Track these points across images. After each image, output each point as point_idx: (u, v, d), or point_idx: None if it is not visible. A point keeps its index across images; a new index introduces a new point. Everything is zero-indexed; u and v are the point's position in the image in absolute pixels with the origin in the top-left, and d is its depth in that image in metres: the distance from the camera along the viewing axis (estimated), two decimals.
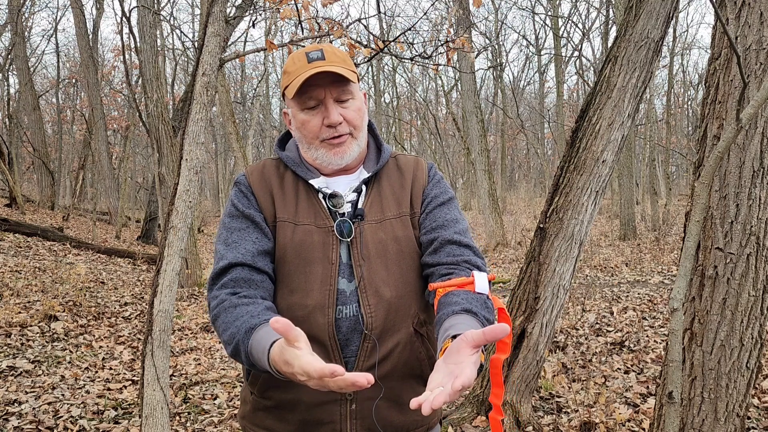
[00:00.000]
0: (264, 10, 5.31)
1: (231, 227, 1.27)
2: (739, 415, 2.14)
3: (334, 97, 1.23)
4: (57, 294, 6.65)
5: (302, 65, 1.21)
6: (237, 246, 1.23)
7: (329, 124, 1.23)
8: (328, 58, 1.22)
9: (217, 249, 1.27)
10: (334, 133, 1.24)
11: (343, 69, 1.21)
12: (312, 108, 1.24)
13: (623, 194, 13.33)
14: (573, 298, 6.64)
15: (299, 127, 1.27)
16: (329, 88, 1.22)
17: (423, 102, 24.87)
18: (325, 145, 1.25)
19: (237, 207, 1.28)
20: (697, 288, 2.18)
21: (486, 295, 1.15)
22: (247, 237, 1.24)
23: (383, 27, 18.01)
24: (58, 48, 23.72)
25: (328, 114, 1.22)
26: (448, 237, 1.25)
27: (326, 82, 1.22)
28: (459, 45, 4.54)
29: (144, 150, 24.39)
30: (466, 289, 1.14)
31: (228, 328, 1.13)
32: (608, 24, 16.03)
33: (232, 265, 1.22)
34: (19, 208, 14.32)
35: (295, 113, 1.26)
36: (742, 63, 2.08)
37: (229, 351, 1.13)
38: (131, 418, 3.62)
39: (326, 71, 1.19)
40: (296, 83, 1.20)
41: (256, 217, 1.26)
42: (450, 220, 1.28)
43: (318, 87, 1.21)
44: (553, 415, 3.52)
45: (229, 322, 1.13)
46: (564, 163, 3.29)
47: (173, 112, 10.10)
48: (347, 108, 1.25)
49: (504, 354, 1.12)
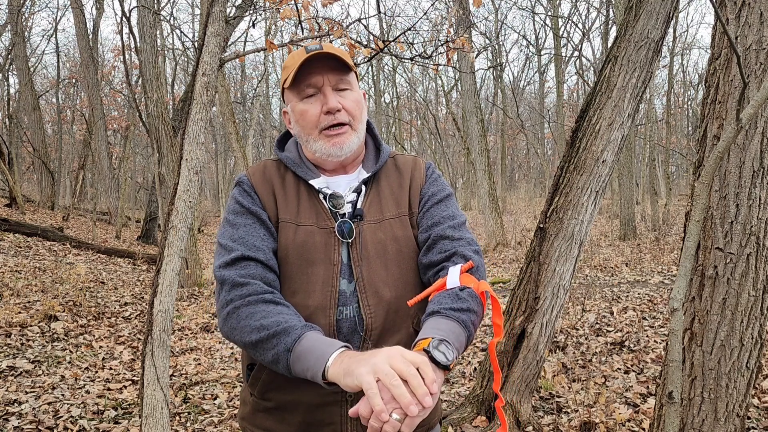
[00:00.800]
0: (264, 10, 5.31)
1: (236, 223, 1.24)
2: (739, 415, 2.14)
3: (333, 84, 1.24)
4: (57, 294, 6.65)
5: (300, 57, 1.23)
6: (245, 241, 1.21)
7: (328, 110, 1.23)
8: (326, 48, 1.23)
9: (222, 243, 1.23)
10: (333, 120, 1.24)
11: (337, 53, 1.23)
12: (310, 96, 1.25)
13: (623, 194, 13.32)
14: (573, 298, 6.64)
15: (298, 119, 1.27)
16: (327, 75, 1.23)
17: (423, 102, 24.87)
18: (324, 136, 1.25)
19: (242, 204, 1.26)
20: (697, 288, 2.18)
21: (458, 288, 1.14)
22: (254, 233, 1.22)
23: (383, 27, 18.02)
24: (58, 48, 23.73)
25: (327, 100, 1.23)
26: (440, 233, 1.25)
27: (324, 70, 1.23)
28: (459, 45, 4.54)
29: (144, 150, 24.39)
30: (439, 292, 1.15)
31: (270, 315, 1.10)
32: (608, 24, 16.03)
33: (246, 258, 1.18)
34: (19, 208, 14.32)
35: (294, 106, 1.27)
36: (742, 63, 2.08)
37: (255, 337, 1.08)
38: (131, 418, 3.62)
39: (323, 54, 1.21)
40: (294, 69, 1.22)
41: (262, 215, 1.25)
42: (445, 217, 1.28)
43: (316, 74, 1.23)
44: (553, 415, 3.52)
45: (273, 312, 1.10)
46: (564, 163, 3.29)
47: (173, 112, 10.10)
48: (345, 98, 1.25)
49: (497, 337, 1.12)
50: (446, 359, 0.98)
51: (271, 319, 1.09)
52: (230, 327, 1.13)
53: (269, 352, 1.07)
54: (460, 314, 1.09)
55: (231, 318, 1.13)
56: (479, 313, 1.14)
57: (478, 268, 1.21)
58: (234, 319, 1.13)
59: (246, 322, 1.11)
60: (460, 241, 1.24)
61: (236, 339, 1.13)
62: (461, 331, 1.08)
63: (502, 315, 1.11)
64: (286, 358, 1.05)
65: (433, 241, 1.25)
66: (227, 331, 1.15)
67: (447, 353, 0.99)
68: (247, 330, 1.10)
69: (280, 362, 1.06)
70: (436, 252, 1.23)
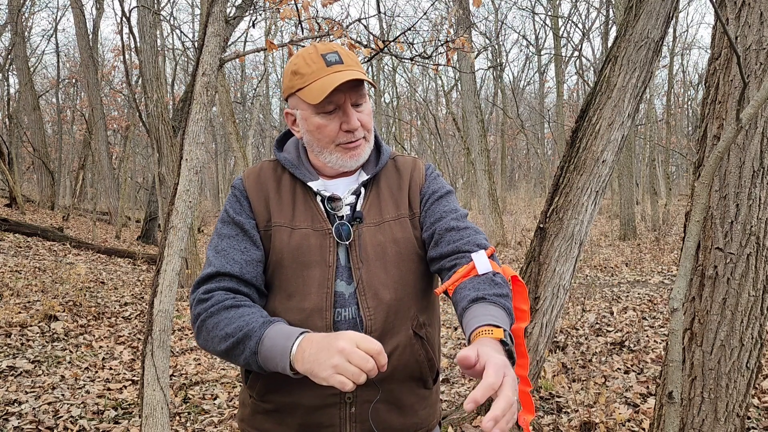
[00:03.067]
0: (264, 10, 5.31)
1: (222, 233, 1.27)
2: (739, 415, 2.14)
3: (353, 101, 1.22)
4: (57, 294, 6.65)
5: (320, 68, 1.19)
6: (226, 254, 1.23)
7: (348, 129, 1.22)
8: (346, 62, 1.20)
9: (208, 255, 1.27)
10: (352, 138, 1.23)
11: (361, 73, 1.20)
12: (330, 112, 1.21)
13: (623, 194, 13.32)
14: (573, 298, 6.64)
15: (313, 130, 1.23)
16: (349, 93, 1.20)
17: (423, 102, 24.86)
18: (341, 149, 1.24)
19: (228, 213, 1.28)
20: (697, 288, 2.18)
21: (491, 273, 1.14)
22: (236, 246, 1.24)
23: (383, 27, 18.02)
24: (58, 48, 23.73)
25: (348, 119, 1.21)
26: (446, 225, 1.24)
27: (346, 87, 1.19)
28: (459, 45, 4.55)
29: (144, 150, 24.38)
30: (470, 277, 1.14)
31: (232, 322, 1.12)
32: (608, 24, 16.03)
33: (219, 274, 1.21)
34: (19, 208, 14.32)
35: (308, 116, 1.23)
36: (742, 63, 2.08)
37: (224, 347, 1.12)
38: (131, 418, 3.62)
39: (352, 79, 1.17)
40: (321, 89, 1.17)
41: (246, 225, 1.25)
42: (447, 211, 1.27)
43: (339, 92, 1.19)
44: (553, 415, 3.52)
45: (234, 318, 1.13)
46: (564, 163, 3.29)
47: (173, 112, 10.10)
48: (362, 112, 1.24)
49: (524, 322, 1.12)
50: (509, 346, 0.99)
51: (233, 325, 1.12)
52: (203, 340, 1.18)
53: (239, 358, 1.12)
54: (505, 301, 1.10)
55: (201, 331, 1.18)
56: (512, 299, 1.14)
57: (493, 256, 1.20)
58: (204, 332, 1.17)
59: (213, 333, 1.15)
60: (467, 230, 1.23)
61: (210, 350, 1.17)
62: (507, 318, 1.08)
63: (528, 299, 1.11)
64: (256, 361, 1.09)
65: (439, 236, 1.24)
66: (202, 344, 1.19)
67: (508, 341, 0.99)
68: (216, 340, 1.14)
69: (252, 366, 1.11)
70: (445, 244, 1.22)
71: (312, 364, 1.00)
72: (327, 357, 0.98)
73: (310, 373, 1.00)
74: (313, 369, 0.99)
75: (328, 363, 0.97)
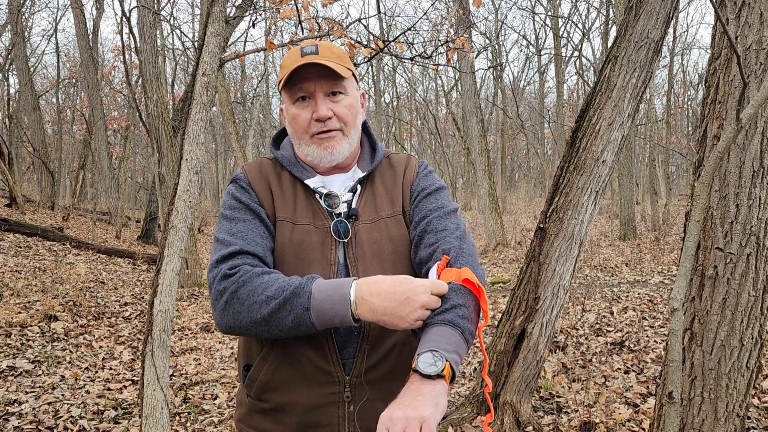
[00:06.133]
0: (264, 10, 5.31)
1: (235, 218, 1.23)
2: (739, 415, 2.14)
3: (325, 91, 1.23)
4: (57, 294, 6.65)
5: (296, 59, 1.22)
6: (245, 236, 1.19)
7: (318, 117, 1.23)
8: (321, 53, 1.22)
9: (221, 239, 1.21)
10: (323, 127, 1.24)
11: (335, 64, 1.21)
12: (302, 100, 1.24)
13: (623, 194, 13.32)
14: (573, 298, 6.64)
15: (291, 121, 1.28)
16: (320, 82, 1.22)
17: (423, 102, 24.87)
18: (315, 140, 1.25)
19: (240, 200, 1.25)
20: (697, 288, 2.17)
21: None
22: (254, 229, 1.21)
23: (383, 27, 18.02)
24: (58, 48, 23.75)
25: (317, 108, 1.23)
26: (425, 227, 1.25)
27: (317, 76, 1.22)
28: (459, 45, 4.54)
29: (144, 150, 24.38)
30: None
31: (271, 284, 1.10)
32: (608, 24, 16.02)
33: (243, 252, 1.17)
34: (19, 208, 14.31)
35: (288, 107, 1.27)
36: (742, 63, 2.08)
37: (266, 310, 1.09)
38: (131, 418, 3.62)
39: (315, 63, 1.20)
40: (285, 74, 1.21)
41: (261, 212, 1.24)
42: (432, 209, 1.27)
43: (308, 80, 1.22)
44: (553, 415, 3.52)
45: (271, 281, 1.11)
46: (564, 163, 3.29)
47: (173, 112, 10.10)
48: (338, 103, 1.24)
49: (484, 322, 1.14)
50: (435, 369, 1.00)
51: (274, 287, 1.10)
52: (233, 314, 1.11)
53: (287, 318, 1.09)
54: (444, 315, 1.09)
55: (231, 305, 1.12)
56: (468, 304, 1.11)
57: (458, 256, 1.18)
58: (236, 304, 1.11)
59: (251, 299, 1.10)
60: (443, 233, 1.23)
61: (244, 322, 1.11)
62: (451, 332, 1.07)
63: (486, 299, 1.12)
64: (309, 317, 1.08)
65: (419, 237, 1.25)
66: (230, 320, 1.12)
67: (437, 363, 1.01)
68: (255, 307, 1.10)
69: (302, 324, 1.09)
70: (423, 247, 1.23)
71: (390, 317, 1.06)
72: (409, 311, 1.06)
73: (387, 324, 1.07)
74: (392, 321, 1.07)
75: (411, 317, 1.07)
